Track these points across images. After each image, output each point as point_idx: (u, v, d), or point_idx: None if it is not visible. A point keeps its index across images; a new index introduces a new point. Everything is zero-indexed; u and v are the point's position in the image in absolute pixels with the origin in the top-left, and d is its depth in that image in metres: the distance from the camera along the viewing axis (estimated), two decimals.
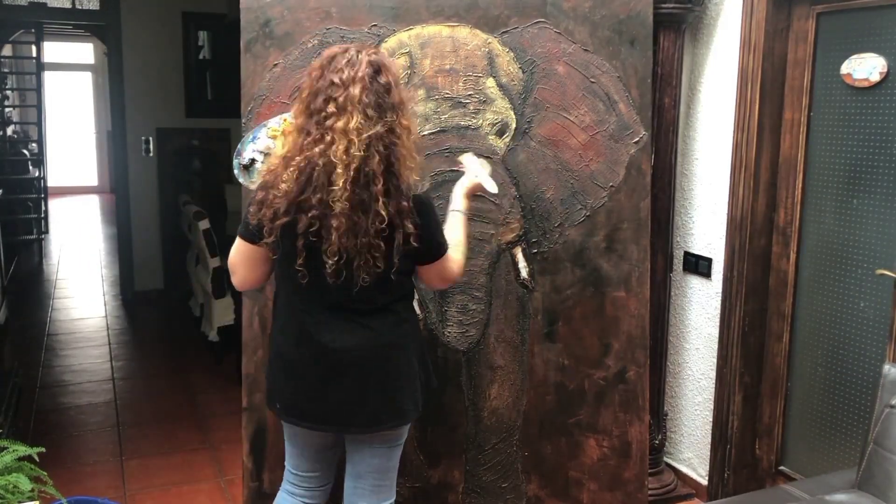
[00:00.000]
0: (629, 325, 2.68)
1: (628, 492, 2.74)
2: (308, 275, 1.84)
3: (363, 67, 1.79)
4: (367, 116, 1.77)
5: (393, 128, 1.79)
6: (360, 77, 1.78)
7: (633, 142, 2.63)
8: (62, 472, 3.14)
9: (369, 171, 1.76)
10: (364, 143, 1.76)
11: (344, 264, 1.80)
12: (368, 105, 1.77)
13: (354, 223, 1.77)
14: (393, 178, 1.79)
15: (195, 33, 6.04)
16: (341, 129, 1.76)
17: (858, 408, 2.64)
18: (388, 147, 1.78)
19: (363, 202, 1.77)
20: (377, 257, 1.81)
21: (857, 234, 2.60)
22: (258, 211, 1.85)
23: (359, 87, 1.77)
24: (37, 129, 8.87)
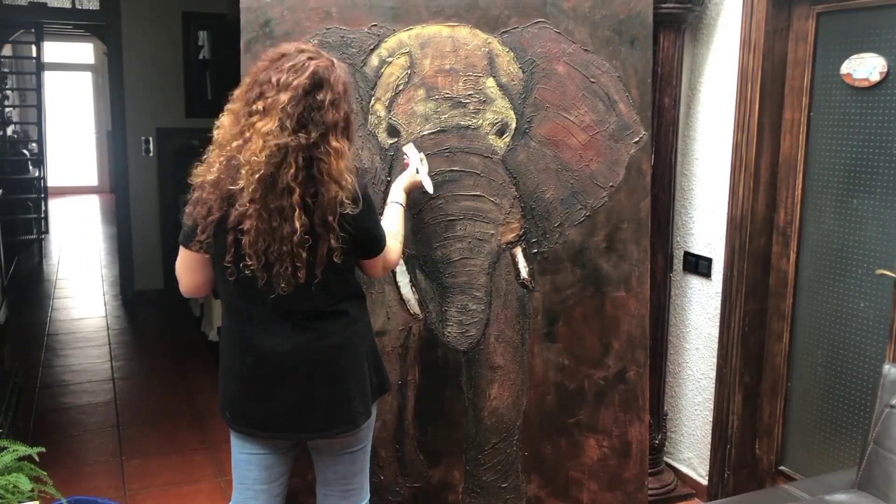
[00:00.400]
0: (629, 325, 2.68)
1: (628, 492, 2.74)
2: (237, 273, 1.80)
3: (303, 77, 1.75)
4: (283, 127, 1.73)
5: (318, 144, 1.75)
6: (295, 86, 1.74)
7: (633, 142, 2.63)
8: (62, 472, 3.14)
9: (284, 180, 1.73)
10: (271, 150, 1.72)
11: (264, 269, 1.78)
12: (290, 116, 1.73)
13: (272, 228, 1.74)
14: (315, 194, 1.76)
15: (195, 33, 6.04)
16: (259, 130, 1.74)
17: (858, 408, 2.64)
18: (308, 161, 1.74)
19: (281, 210, 1.74)
20: (299, 267, 1.77)
21: (857, 234, 2.60)
22: (193, 210, 1.83)
23: (288, 94, 1.74)
24: (37, 129, 8.88)
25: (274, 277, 1.78)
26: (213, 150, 1.84)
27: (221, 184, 1.78)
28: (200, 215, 1.80)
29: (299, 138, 1.73)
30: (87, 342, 5.11)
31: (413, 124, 2.47)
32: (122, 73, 5.75)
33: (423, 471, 2.60)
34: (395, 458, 2.58)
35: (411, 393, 2.56)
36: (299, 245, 1.75)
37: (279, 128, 1.73)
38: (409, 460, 2.59)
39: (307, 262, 1.78)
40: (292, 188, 1.73)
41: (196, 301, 5.08)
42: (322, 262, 1.79)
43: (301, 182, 1.74)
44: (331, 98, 1.77)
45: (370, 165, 2.47)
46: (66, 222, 9.76)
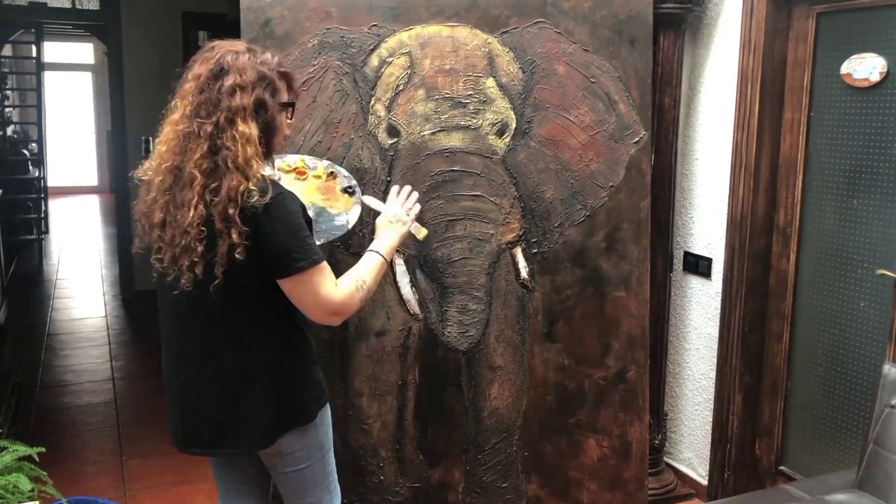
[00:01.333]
0: (629, 325, 2.68)
1: (628, 492, 2.74)
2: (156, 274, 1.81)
3: (209, 65, 1.74)
4: (186, 114, 1.72)
5: (224, 130, 1.69)
6: (197, 74, 1.74)
7: (633, 142, 2.63)
8: (62, 472, 3.14)
9: (187, 168, 1.70)
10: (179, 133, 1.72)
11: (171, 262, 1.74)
12: (192, 103, 1.72)
13: (174, 219, 1.71)
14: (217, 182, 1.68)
15: (195, 33, 6.04)
16: (170, 120, 1.76)
17: (858, 408, 2.64)
18: (214, 150, 1.69)
19: (185, 201, 1.69)
20: (196, 262, 1.70)
21: (857, 234, 2.60)
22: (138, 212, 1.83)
23: (193, 83, 1.74)
24: (37, 129, 8.87)
25: (179, 271, 1.73)
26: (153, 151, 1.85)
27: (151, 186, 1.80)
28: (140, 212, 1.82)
29: (202, 124, 1.70)
30: (87, 342, 5.11)
31: (413, 124, 2.47)
32: (122, 73, 5.75)
33: (423, 471, 2.60)
34: (395, 458, 2.58)
35: (411, 393, 2.56)
36: (196, 238, 1.68)
37: (183, 115, 1.73)
38: (409, 460, 2.59)
39: (204, 257, 1.69)
40: (194, 176, 1.68)
41: None
42: (223, 261, 1.68)
43: (205, 171, 1.69)
44: (236, 82, 1.72)
45: (370, 165, 2.47)
46: (66, 222, 9.76)
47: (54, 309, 5.94)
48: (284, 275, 1.75)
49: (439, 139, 2.47)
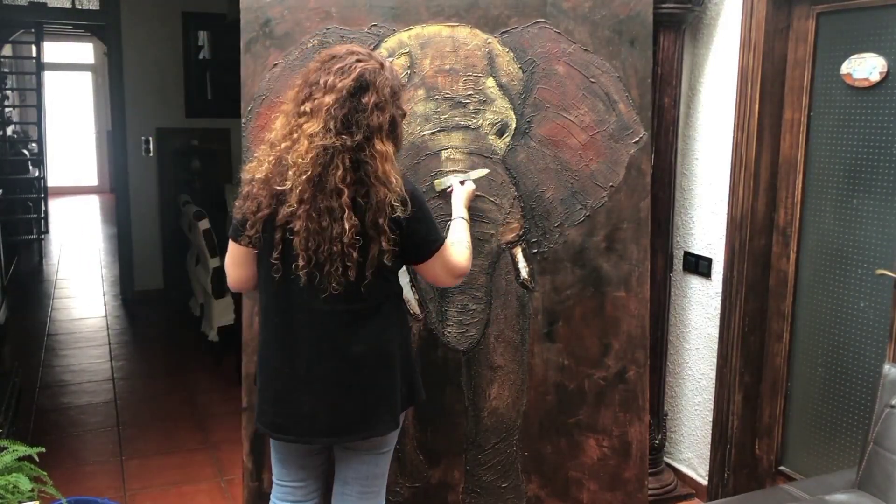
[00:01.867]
0: (629, 325, 2.68)
1: (628, 492, 2.74)
2: (283, 271, 1.83)
3: (349, 80, 1.78)
4: (328, 129, 1.76)
5: (363, 147, 1.77)
6: (340, 88, 1.78)
7: (633, 142, 2.63)
8: (62, 472, 3.14)
9: (333, 181, 1.76)
10: (317, 152, 1.75)
11: (315, 268, 1.80)
12: (334, 118, 1.76)
13: (321, 228, 1.77)
14: (366, 195, 1.78)
15: (195, 33, 6.04)
16: (305, 132, 1.78)
17: (858, 408, 2.64)
18: (356, 163, 1.77)
19: (331, 210, 1.76)
20: (349, 267, 1.79)
21: (857, 234, 2.60)
22: (243, 204, 1.86)
23: (333, 97, 1.77)
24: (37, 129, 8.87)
25: (325, 276, 1.79)
26: (265, 148, 1.88)
27: (271, 182, 1.81)
28: (250, 210, 1.84)
29: (344, 140, 1.76)
30: (87, 342, 5.11)
31: (413, 124, 2.47)
32: (122, 73, 5.76)
33: (423, 471, 2.60)
34: (395, 458, 2.57)
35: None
36: (350, 245, 1.77)
37: (324, 129, 1.76)
38: (409, 460, 2.59)
39: (357, 262, 1.79)
40: (341, 189, 1.76)
41: (196, 301, 5.08)
42: (373, 265, 1.81)
43: (349, 184, 1.77)
44: (375, 101, 1.79)
45: None
46: (66, 222, 9.76)
47: (54, 309, 5.94)
48: (425, 259, 1.94)
49: (439, 139, 2.47)
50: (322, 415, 1.91)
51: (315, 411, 1.91)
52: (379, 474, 2.06)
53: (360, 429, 1.92)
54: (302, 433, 1.94)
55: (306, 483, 2.09)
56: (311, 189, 1.76)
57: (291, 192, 1.78)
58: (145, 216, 5.98)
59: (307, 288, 1.82)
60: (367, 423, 1.93)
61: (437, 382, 2.57)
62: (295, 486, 2.09)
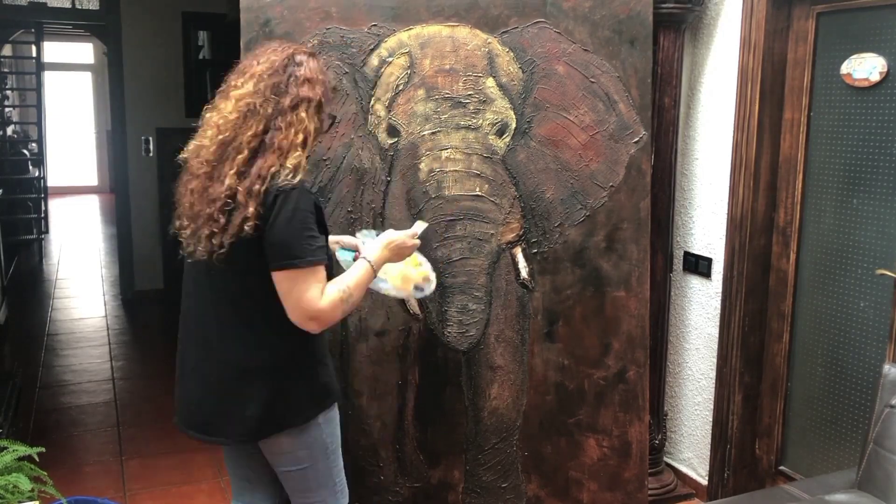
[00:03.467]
0: (629, 325, 2.68)
1: (628, 492, 2.74)
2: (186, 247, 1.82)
3: (282, 55, 1.80)
4: (257, 91, 1.75)
5: (283, 113, 1.74)
6: (272, 60, 1.79)
7: (633, 142, 2.63)
8: (62, 472, 3.14)
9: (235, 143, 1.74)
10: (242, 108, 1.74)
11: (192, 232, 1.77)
12: (264, 80, 1.76)
13: (206, 190, 1.74)
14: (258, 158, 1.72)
15: (195, 33, 6.04)
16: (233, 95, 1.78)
17: (858, 408, 2.64)
18: (267, 128, 1.74)
19: (222, 174, 1.73)
20: (215, 233, 1.72)
21: (857, 234, 2.60)
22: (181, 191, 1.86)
23: (265, 65, 1.79)
24: (37, 129, 8.87)
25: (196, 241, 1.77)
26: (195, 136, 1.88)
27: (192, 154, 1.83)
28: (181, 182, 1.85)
29: (266, 104, 1.74)
30: (87, 342, 5.11)
31: (413, 124, 2.47)
32: (122, 73, 5.75)
33: (423, 471, 2.60)
34: (395, 458, 2.58)
35: (411, 393, 2.56)
36: (220, 210, 1.71)
37: (253, 91, 1.76)
38: (409, 460, 2.59)
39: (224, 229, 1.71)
40: (241, 150, 1.73)
41: None
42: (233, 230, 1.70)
43: (252, 147, 1.73)
44: (307, 75, 1.79)
45: (370, 165, 2.47)
46: (66, 222, 9.76)
47: (54, 309, 5.94)
48: (276, 267, 1.73)
49: (439, 139, 2.47)
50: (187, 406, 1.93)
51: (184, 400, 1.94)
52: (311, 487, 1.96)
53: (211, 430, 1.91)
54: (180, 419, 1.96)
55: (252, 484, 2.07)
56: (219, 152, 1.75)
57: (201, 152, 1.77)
58: (145, 216, 5.98)
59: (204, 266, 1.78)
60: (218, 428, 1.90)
61: (437, 382, 2.57)
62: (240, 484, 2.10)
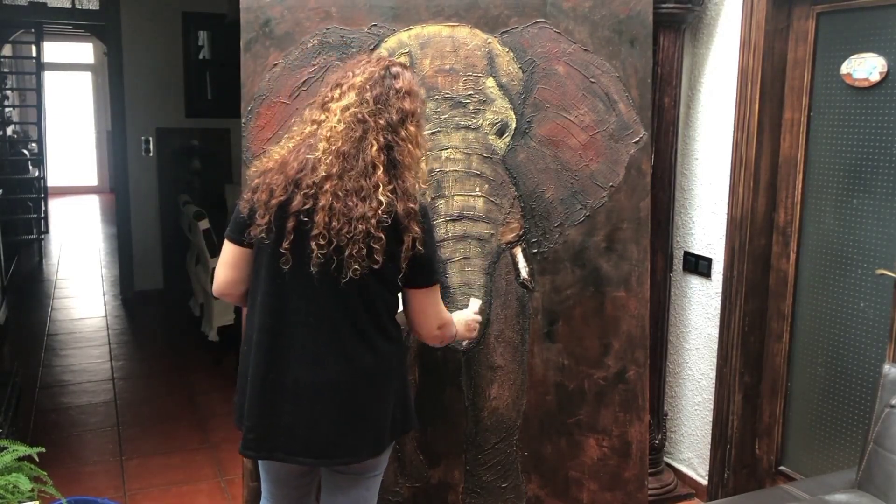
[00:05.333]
0: (629, 325, 2.68)
1: (628, 492, 2.74)
2: (291, 262, 1.71)
3: (379, 66, 1.77)
4: (363, 100, 1.72)
5: (395, 128, 1.72)
6: (371, 71, 1.76)
7: (633, 142, 2.63)
8: (62, 472, 3.14)
9: (367, 157, 1.69)
10: (349, 123, 1.70)
11: (333, 251, 1.68)
12: (367, 91, 1.72)
13: (346, 208, 1.66)
14: (397, 177, 1.71)
15: (195, 33, 6.04)
16: (338, 104, 1.73)
17: (858, 408, 2.64)
18: (389, 144, 1.71)
19: (359, 190, 1.67)
20: (376, 250, 1.66)
21: (857, 234, 2.60)
22: (252, 196, 1.77)
23: (363, 76, 1.75)
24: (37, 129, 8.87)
25: (346, 259, 1.67)
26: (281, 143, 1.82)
27: (288, 168, 1.73)
28: (261, 200, 1.73)
29: (380, 116, 1.71)
30: (87, 342, 5.11)
31: None
32: (122, 73, 5.75)
33: (423, 471, 2.60)
34: (395, 458, 2.58)
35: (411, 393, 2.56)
36: (377, 227, 1.66)
37: (358, 101, 1.72)
38: (409, 460, 2.59)
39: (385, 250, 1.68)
40: (376, 166, 1.68)
41: (196, 301, 5.08)
42: (408, 253, 1.70)
43: (384, 163, 1.70)
44: (406, 87, 1.77)
45: None
46: (66, 222, 9.76)
47: (54, 309, 5.94)
48: (423, 284, 1.80)
49: (439, 139, 2.47)
50: (301, 430, 1.78)
51: (294, 426, 1.77)
52: (370, 497, 1.94)
53: (339, 453, 1.80)
54: (278, 448, 1.79)
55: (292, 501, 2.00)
56: (340, 164, 1.68)
57: (318, 167, 1.69)
58: (145, 216, 5.98)
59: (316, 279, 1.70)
60: (348, 448, 1.80)
61: (437, 382, 2.57)
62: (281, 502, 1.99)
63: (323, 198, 1.68)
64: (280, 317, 1.78)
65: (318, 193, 1.68)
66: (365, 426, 1.81)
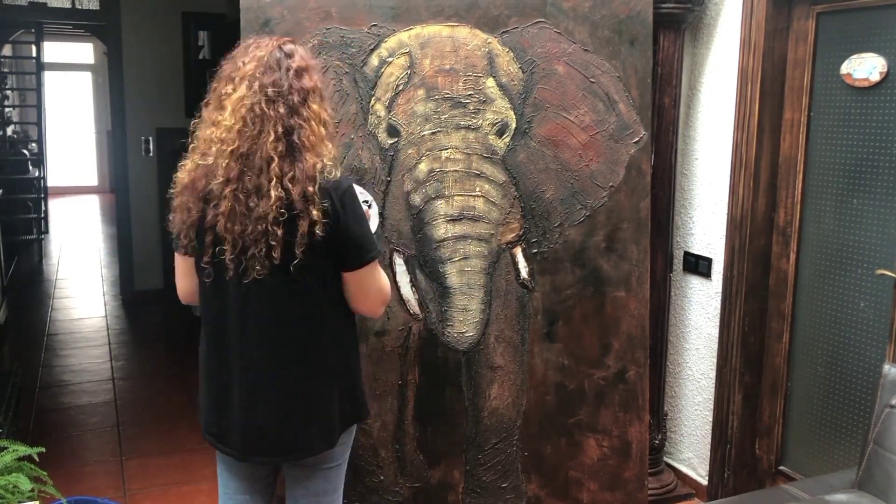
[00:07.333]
0: (629, 325, 2.68)
1: (628, 492, 2.74)
2: (214, 275, 1.72)
3: (268, 49, 1.71)
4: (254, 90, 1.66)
5: (297, 110, 1.67)
6: (260, 56, 1.69)
7: (633, 142, 2.63)
8: (62, 472, 3.14)
9: (263, 151, 1.64)
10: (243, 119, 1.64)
11: (241, 253, 1.66)
12: (259, 79, 1.66)
13: (248, 209, 1.64)
14: (295, 162, 1.65)
15: (195, 33, 6.04)
16: (230, 99, 1.67)
17: (858, 408, 2.64)
18: (288, 129, 1.65)
19: (259, 188, 1.64)
20: (273, 246, 1.64)
21: (857, 234, 2.60)
22: (174, 217, 1.76)
23: (254, 63, 1.69)
24: (37, 129, 8.88)
25: (249, 260, 1.66)
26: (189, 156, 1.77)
27: (196, 184, 1.71)
28: (180, 220, 1.74)
29: (279, 104, 1.66)
30: (87, 342, 5.11)
31: (413, 124, 2.47)
32: (122, 73, 5.75)
33: (423, 471, 2.60)
34: (395, 458, 2.58)
35: (411, 393, 2.56)
36: (273, 223, 1.64)
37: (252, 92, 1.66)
38: (409, 460, 2.59)
39: (283, 240, 1.65)
40: (271, 159, 1.64)
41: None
42: (303, 241, 1.65)
43: (280, 153, 1.65)
44: (301, 65, 1.71)
45: (370, 165, 2.47)
46: (66, 222, 9.76)
47: (54, 309, 5.94)
48: (357, 265, 1.76)
49: (439, 139, 2.47)
50: (252, 431, 1.80)
51: (246, 426, 1.80)
52: (331, 489, 1.94)
53: (290, 448, 1.81)
54: (236, 448, 1.83)
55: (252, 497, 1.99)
56: (239, 166, 1.64)
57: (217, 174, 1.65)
58: (145, 216, 5.98)
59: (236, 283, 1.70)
60: (299, 443, 1.81)
61: (437, 382, 2.57)
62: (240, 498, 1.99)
63: (223, 203, 1.66)
64: (219, 323, 1.80)
65: (220, 200, 1.67)
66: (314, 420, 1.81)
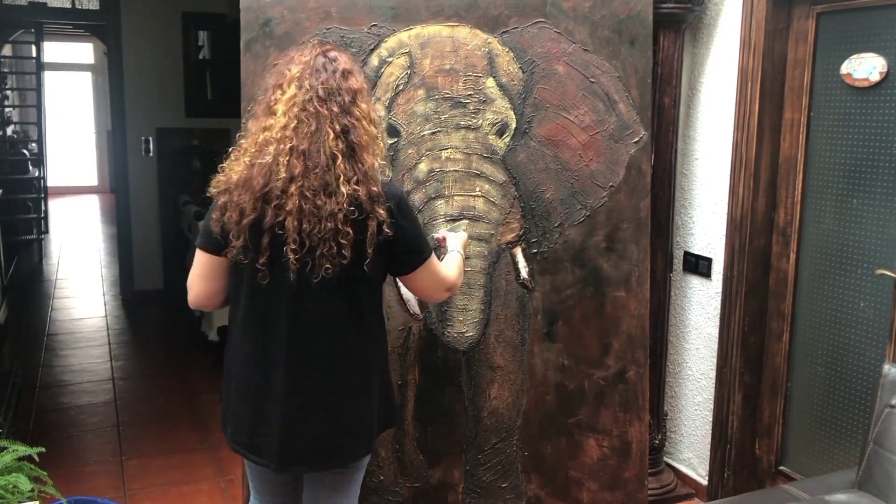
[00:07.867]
0: (629, 325, 2.68)
1: (628, 492, 2.74)
2: (269, 276, 1.70)
3: (312, 54, 1.74)
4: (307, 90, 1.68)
5: (349, 110, 1.69)
6: (306, 61, 1.72)
7: (633, 142, 2.63)
8: (62, 472, 3.14)
9: (326, 149, 1.65)
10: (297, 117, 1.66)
11: (307, 253, 1.66)
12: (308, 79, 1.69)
13: (315, 207, 1.64)
14: (356, 162, 1.68)
15: (195, 33, 6.05)
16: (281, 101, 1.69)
17: (858, 408, 2.64)
18: (344, 128, 1.68)
19: (326, 185, 1.64)
20: (343, 245, 1.65)
21: (857, 234, 2.60)
22: (222, 216, 1.72)
23: (300, 66, 1.71)
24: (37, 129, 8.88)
25: (318, 259, 1.65)
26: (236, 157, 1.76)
27: (253, 183, 1.67)
28: (233, 220, 1.69)
29: (331, 102, 1.68)
30: (87, 342, 5.11)
31: (413, 124, 2.47)
32: (122, 73, 5.75)
33: (423, 471, 2.60)
34: (395, 458, 2.58)
35: (411, 393, 2.56)
36: (344, 221, 1.64)
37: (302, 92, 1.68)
38: (409, 460, 2.59)
39: (355, 239, 1.66)
40: (335, 156, 1.65)
41: None
42: (373, 240, 1.67)
43: (343, 152, 1.66)
44: (346, 67, 1.74)
45: None
46: (66, 222, 9.76)
47: (54, 309, 5.94)
48: (414, 266, 1.82)
49: (439, 139, 2.47)
50: (294, 440, 1.78)
51: (286, 435, 1.77)
52: (353, 492, 1.95)
53: (334, 456, 1.81)
54: (272, 459, 1.79)
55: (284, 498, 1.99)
56: (302, 163, 1.64)
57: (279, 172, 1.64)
58: (145, 216, 5.98)
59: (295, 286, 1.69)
60: (342, 451, 1.81)
61: (437, 382, 2.57)
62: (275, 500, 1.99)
63: (290, 201, 1.65)
64: (264, 327, 1.77)
65: (286, 198, 1.65)
66: (357, 427, 1.82)
